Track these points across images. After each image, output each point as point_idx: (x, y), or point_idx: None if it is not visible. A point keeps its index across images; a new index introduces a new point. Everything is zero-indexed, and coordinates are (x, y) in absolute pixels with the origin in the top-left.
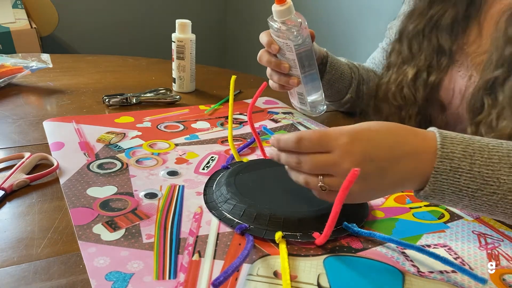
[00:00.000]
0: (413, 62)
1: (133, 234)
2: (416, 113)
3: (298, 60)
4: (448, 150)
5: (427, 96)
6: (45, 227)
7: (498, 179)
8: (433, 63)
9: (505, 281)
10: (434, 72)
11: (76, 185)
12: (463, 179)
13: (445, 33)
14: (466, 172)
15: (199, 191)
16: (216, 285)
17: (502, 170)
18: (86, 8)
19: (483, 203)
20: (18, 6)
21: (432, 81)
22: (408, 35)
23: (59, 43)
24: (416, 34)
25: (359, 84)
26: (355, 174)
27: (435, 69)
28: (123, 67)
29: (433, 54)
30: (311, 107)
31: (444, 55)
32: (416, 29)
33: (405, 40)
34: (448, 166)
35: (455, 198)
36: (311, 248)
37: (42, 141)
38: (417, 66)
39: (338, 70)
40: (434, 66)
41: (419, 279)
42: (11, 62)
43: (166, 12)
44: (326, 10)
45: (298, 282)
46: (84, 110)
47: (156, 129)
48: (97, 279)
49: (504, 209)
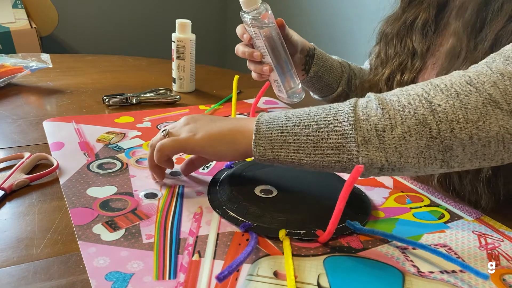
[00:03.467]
0: (388, 63)
1: (133, 234)
2: None
3: (268, 48)
4: (266, 113)
5: None
6: (45, 227)
7: (308, 114)
8: (407, 65)
9: (505, 281)
10: (407, 72)
11: (76, 185)
12: (280, 121)
13: (418, 35)
14: (282, 117)
15: (199, 191)
16: (221, 279)
17: (312, 109)
18: (86, 8)
19: (306, 139)
20: (18, 6)
21: (406, 80)
22: (385, 39)
23: (59, 43)
24: (392, 37)
25: (350, 78)
26: (358, 171)
27: (409, 69)
28: (123, 67)
29: (407, 56)
30: (288, 94)
31: (416, 57)
32: (392, 32)
33: (382, 43)
34: (266, 117)
35: (282, 142)
36: (311, 248)
37: (42, 141)
38: (391, 67)
39: (326, 62)
40: (408, 67)
41: (419, 279)
42: (11, 62)
43: (166, 12)
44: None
45: (298, 282)
46: (84, 110)
47: (156, 129)
48: (97, 279)
49: (325, 140)
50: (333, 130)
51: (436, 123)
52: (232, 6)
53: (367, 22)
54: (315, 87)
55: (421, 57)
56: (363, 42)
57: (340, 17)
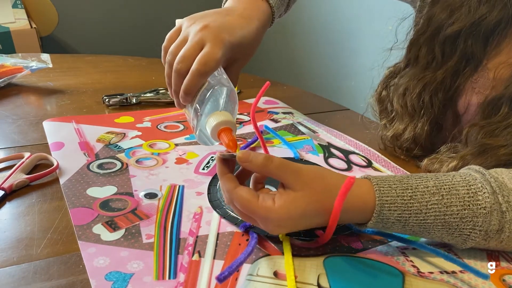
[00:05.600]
0: (443, 66)
1: (133, 234)
2: (430, 120)
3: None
4: (385, 202)
5: (445, 104)
6: (45, 227)
7: (440, 202)
8: (460, 69)
9: (505, 281)
10: (457, 79)
11: (76, 185)
12: (407, 214)
13: (481, 39)
14: (407, 204)
15: (199, 191)
16: (221, 280)
17: (441, 191)
18: (86, 8)
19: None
20: (18, 6)
21: (454, 87)
22: (443, 36)
23: (59, 43)
24: (455, 36)
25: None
26: (350, 182)
27: (460, 76)
28: (123, 67)
29: (462, 60)
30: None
31: (472, 62)
32: (456, 31)
33: (439, 40)
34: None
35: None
36: (311, 248)
37: (42, 141)
38: (445, 71)
39: (280, 8)
40: (460, 72)
41: (419, 280)
42: (11, 62)
43: (166, 12)
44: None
45: (298, 282)
46: (84, 110)
47: (156, 129)
48: (97, 279)
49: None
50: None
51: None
52: None
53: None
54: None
55: (476, 64)
56: (365, 41)
57: (340, 16)
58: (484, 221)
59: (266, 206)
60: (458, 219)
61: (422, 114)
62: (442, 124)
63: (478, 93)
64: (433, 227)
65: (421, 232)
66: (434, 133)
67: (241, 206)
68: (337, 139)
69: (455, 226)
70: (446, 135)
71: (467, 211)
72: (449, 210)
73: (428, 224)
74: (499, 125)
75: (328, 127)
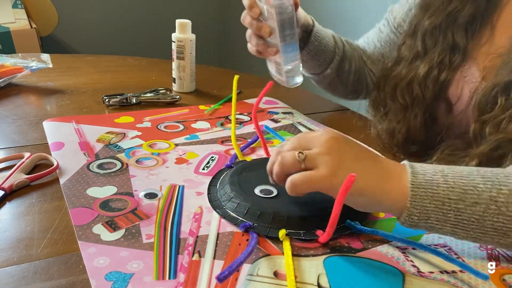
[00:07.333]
0: (426, 58)
1: (133, 234)
2: (423, 112)
3: (279, 28)
4: (418, 167)
5: (436, 94)
6: (45, 227)
7: (475, 187)
8: (445, 60)
9: (505, 281)
10: (445, 69)
11: (76, 185)
12: (441, 189)
13: (461, 30)
14: (442, 183)
15: (199, 191)
16: (221, 279)
17: (477, 180)
18: (86, 8)
19: (469, 217)
20: (18, 6)
21: (442, 78)
22: (423, 30)
23: (59, 43)
24: (432, 29)
25: (341, 61)
26: (351, 180)
27: (447, 66)
28: (123, 67)
29: (446, 51)
30: (287, 78)
31: (457, 52)
32: (433, 24)
33: (419, 35)
34: (422, 180)
35: (440, 215)
36: (311, 248)
37: (42, 141)
38: (429, 63)
39: (322, 42)
40: (446, 64)
41: (419, 279)
42: (11, 62)
43: (166, 12)
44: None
45: (298, 282)
46: (84, 110)
47: (156, 129)
48: (97, 279)
49: (492, 223)
50: (505, 214)
51: None
52: (232, 6)
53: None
54: (305, 65)
55: (463, 54)
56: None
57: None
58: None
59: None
60: None
61: (414, 106)
62: (435, 116)
63: (469, 82)
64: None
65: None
66: (428, 125)
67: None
68: None
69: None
70: (440, 128)
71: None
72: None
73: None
74: (503, 117)
75: (328, 127)
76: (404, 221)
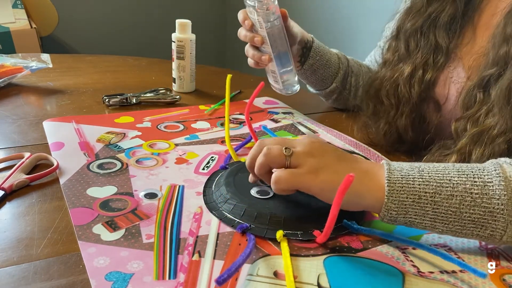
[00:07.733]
0: (410, 59)
1: (133, 234)
2: (410, 111)
3: (269, 37)
4: (395, 165)
5: (422, 94)
6: (45, 227)
7: (450, 180)
8: (429, 61)
9: (505, 281)
10: (430, 69)
11: (76, 185)
12: (417, 183)
13: (442, 31)
14: (418, 178)
15: (199, 191)
16: (220, 282)
17: (452, 173)
18: (86, 8)
19: (447, 210)
20: (18, 6)
21: (428, 78)
22: (406, 33)
23: (59, 43)
24: (414, 31)
25: (347, 75)
26: (349, 180)
27: (431, 67)
28: (123, 67)
29: (429, 52)
30: (284, 86)
31: (440, 53)
32: (414, 26)
33: (402, 37)
34: (398, 175)
35: (418, 209)
36: (311, 248)
37: (42, 141)
38: (413, 63)
39: (323, 57)
40: (430, 64)
41: (419, 279)
42: (11, 62)
43: (166, 12)
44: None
45: (298, 282)
46: (84, 110)
47: (156, 129)
48: (97, 279)
49: (469, 215)
50: (481, 206)
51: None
52: (232, 6)
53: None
54: (309, 80)
55: (446, 54)
56: (363, 40)
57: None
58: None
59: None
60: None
61: (400, 107)
62: (425, 116)
63: (455, 82)
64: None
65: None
66: (416, 125)
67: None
68: (337, 139)
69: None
70: (429, 127)
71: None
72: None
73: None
74: (481, 113)
75: (328, 127)
76: (384, 217)
